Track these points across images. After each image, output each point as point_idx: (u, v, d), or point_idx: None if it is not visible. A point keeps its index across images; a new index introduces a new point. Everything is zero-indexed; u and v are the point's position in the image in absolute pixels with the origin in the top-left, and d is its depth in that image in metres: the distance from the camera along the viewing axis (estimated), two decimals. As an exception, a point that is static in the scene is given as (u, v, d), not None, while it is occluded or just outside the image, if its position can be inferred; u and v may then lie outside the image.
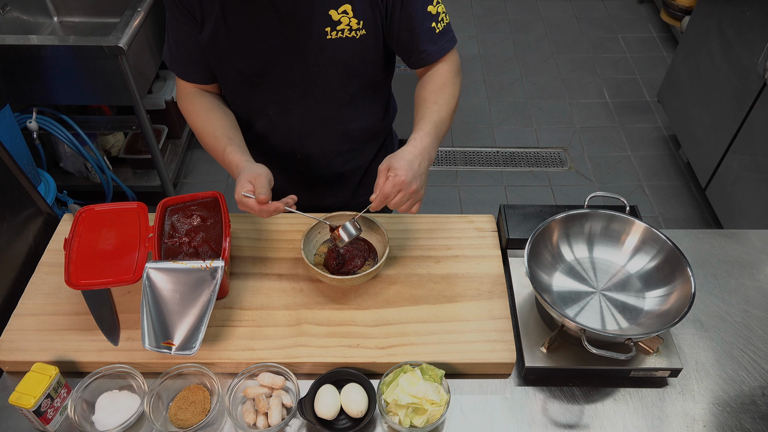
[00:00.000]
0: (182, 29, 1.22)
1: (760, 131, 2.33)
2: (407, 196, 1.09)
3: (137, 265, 1.15)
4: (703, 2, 2.75)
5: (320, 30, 1.17)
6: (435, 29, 1.23)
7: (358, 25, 1.18)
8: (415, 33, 1.21)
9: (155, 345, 1.07)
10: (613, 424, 1.08)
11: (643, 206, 2.86)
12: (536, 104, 3.44)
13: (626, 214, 1.22)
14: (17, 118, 2.24)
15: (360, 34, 1.19)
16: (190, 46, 1.24)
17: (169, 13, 1.22)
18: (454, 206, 2.87)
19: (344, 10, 1.16)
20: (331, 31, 1.17)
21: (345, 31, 1.18)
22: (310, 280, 1.25)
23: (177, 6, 1.19)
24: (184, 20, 1.21)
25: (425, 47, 1.24)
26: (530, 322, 1.19)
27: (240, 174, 1.14)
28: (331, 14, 1.16)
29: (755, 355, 1.18)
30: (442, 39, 1.25)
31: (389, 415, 1.03)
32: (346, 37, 1.18)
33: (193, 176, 3.02)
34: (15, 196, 1.32)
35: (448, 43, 1.26)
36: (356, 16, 1.17)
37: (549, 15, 4.14)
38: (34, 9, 2.59)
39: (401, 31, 1.21)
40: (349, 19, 1.17)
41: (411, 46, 1.24)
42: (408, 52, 1.26)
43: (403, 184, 1.07)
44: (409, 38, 1.22)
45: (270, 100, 1.29)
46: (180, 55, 1.26)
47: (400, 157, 1.09)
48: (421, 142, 1.13)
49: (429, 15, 1.21)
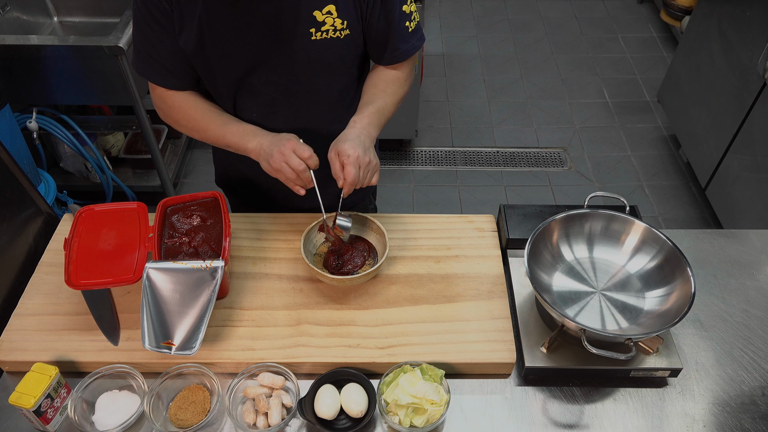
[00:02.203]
0: (159, 37, 1.18)
1: (760, 131, 2.33)
2: (366, 170, 1.14)
3: (137, 265, 1.15)
4: (703, 2, 2.76)
5: (305, 31, 1.16)
6: (408, 28, 1.25)
7: (342, 25, 1.18)
8: (391, 31, 1.23)
9: (155, 345, 1.07)
10: (613, 424, 1.08)
11: (643, 206, 2.86)
12: (536, 104, 3.45)
13: (626, 214, 1.22)
14: (17, 118, 2.25)
15: (344, 34, 1.19)
16: (169, 53, 1.20)
17: (143, 23, 1.17)
18: (454, 206, 2.87)
19: (328, 10, 1.15)
20: (316, 32, 1.17)
21: (330, 31, 1.17)
22: (310, 280, 1.25)
23: (152, 14, 1.15)
24: (161, 27, 1.17)
25: (399, 45, 1.26)
26: (530, 322, 1.19)
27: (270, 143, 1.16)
28: (315, 15, 1.15)
29: (755, 355, 1.18)
30: (413, 38, 1.28)
31: (389, 415, 1.03)
32: (330, 37, 1.18)
33: (193, 176, 3.02)
34: (15, 196, 1.32)
35: (418, 41, 1.29)
36: (340, 16, 1.16)
37: (549, 15, 4.14)
38: (34, 9, 2.59)
39: (378, 30, 1.22)
40: (333, 20, 1.16)
41: (386, 44, 1.25)
42: (381, 50, 1.27)
43: (358, 159, 1.12)
44: (385, 36, 1.24)
45: (254, 103, 1.28)
46: (157, 63, 1.22)
47: (344, 139, 1.15)
48: (360, 123, 1.20)
49: (404, 14, 1.23)
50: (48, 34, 2.61)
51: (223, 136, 1.24)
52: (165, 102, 1.28)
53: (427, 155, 3.14)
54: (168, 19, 1.16)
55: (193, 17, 1.15)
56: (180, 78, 1.25)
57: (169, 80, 1.25)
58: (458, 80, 3.60)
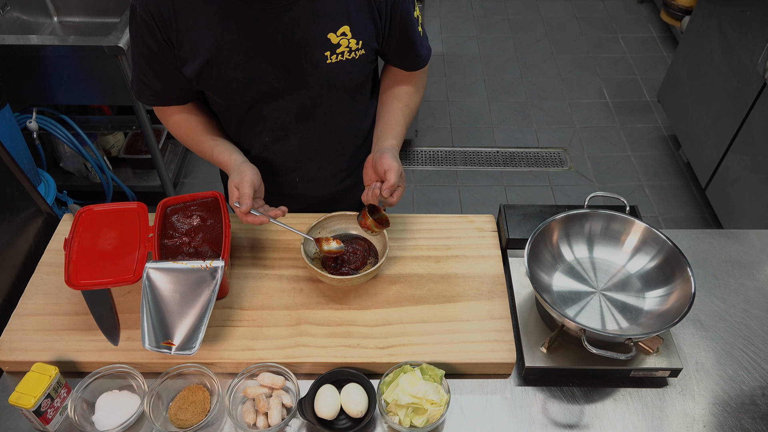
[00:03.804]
0: (159, 61, 1.15)
1: (760, 131, 2.33)
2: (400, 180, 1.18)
3: (137, 265, 1.15)
4: (703, 2, 2.75)
5: (320, 56, 1.14)
6: (420, 33, 1.26)
7: (357, 45, 1.15)
8: (410, 39, 1.23)
9: (155, 345, 1.07)
10: (613, 424, 1.08)
11: (643, 206, 2.86)
12: (536, 104, 3.44)
13: (626, 214, 1.22)
14: (17, 118, 2.25)
15: (359, 54, 1.17)
16: (169, 77, 1.18)
17: (142, 45, 1.13)
18: (454, 206, 2.87)
19: (343, 32, 1.13)
20: (331, 56, 1.14)
21: (345, 53, 1.15)
22: (310, 280, 1.25)
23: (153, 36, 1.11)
24: (161, 53, 1.13)
25: (421, 52, 1.27)
26: (530, 322, 1.19)
27: (229, 178, 1.17)
28: (329, 38, 1.12)
29: (755, 355, 1.18)
30: (425, 41, 1.29)
31: (389, 415, 1.03)
32: (345, 59, 1.16)
33: (193, 176, 3.02)
34: (15, 196, 1.32)
35: (428, 44, 1.31)
36: (355, 36, 1.14)
37: (549, 15, 4.14)
38: (34, 9, 2.59)
39: (398, 40, 1.22)
40: (348, 41, 1.14)
41: (407, 52, 1.25)
42: (402, 59, 1.28)
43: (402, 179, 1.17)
44: (405, 46, 1.24)
45: (265, 128, 1.26)
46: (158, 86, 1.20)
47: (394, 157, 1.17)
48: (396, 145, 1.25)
49: (416, 20, 1.23)
50: (48, 34, 2.61)
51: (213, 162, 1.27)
52: (161, 115, 1.30)
53: (427, 155, 3.14)
54: (163, 48, 1.13)
55: (198, 48, 1.11)
56: (181, 99, 1.26)
57: (171, 102, 1.26)
58: (458, 80, 3.60)
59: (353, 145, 1.37)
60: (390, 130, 1.26)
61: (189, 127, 1.28)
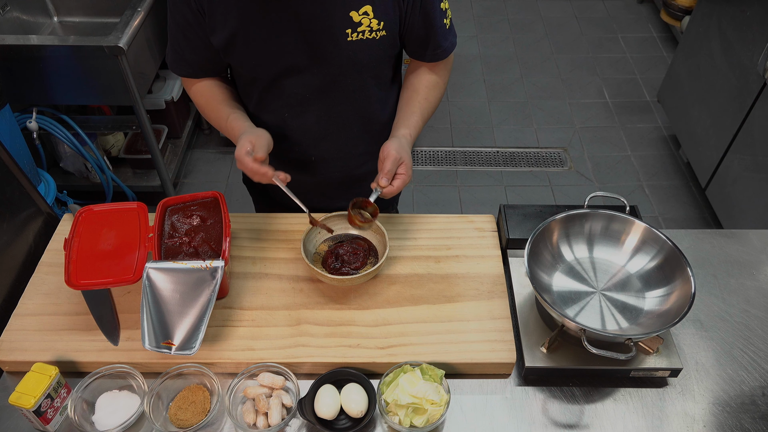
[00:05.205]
0: (192, 30, 1.20)
1: (760, 131, 2.33)
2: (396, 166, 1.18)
3: (137, 265, 1.15)
4: (703, 2, 2.75)
5: (341, 32, 1.16)
6: (446, 25, 1.26)
7: (378, 26, 1.17)
8: (432, 29, 1.23)
9: (155, 345, 1.07)
10: (613, 424, 1.08)
11: (643, 206, 2.86)
12: (536, 104, 3.44)
13: (626, 214, 1.22)
14: (17, 118, 2.24)
15: (380, 35, 1.18)
16: (201, 48, 1.23)
17: (178, 15, 1.19)
18: (454, 206, 2.87)
19: (365, 11, 1.15)
20: (352, 33, 1.16)
21: (366, 32, 1.17)
22: (310, 280, 1.25)
23: (183, 13, 1.17)
24: (195, 22, 1.19)
25: (441, 43, 1.27)
26: (530, 322, 1.19)
27: (241, 135, 1.18)
28: (351, 16, 1.15)
29: (755, 355, 1.18)
30: (450, 35, 1.29)
31: (389, 415, 1.03)
32: (366, 38, 1.18)
33: (193, 176, 3.02)
34: (15, 196, 1.32)
35: (454, 38, 1.31)
36: (377, 16, 1.16)
37: (549, 15, 4.14)
38: (34, 9, 2.59)
39: (420, 28, 1.22)
40: (370, 20, 1.16)
41: (427, 42, 1.26)
42: (423, 48, 1.27)
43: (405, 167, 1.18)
44: (426, 35, 1.24)
45: (285, 103, 1.29)
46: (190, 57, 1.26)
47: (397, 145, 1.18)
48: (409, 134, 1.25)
49: (442, 11, 1.23)
50: (48, 34, 2.61)
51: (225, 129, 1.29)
52: (186, 84, 1.34)
53: (427, 155, 3.14)
54: (197, 16, 1.17)
55: (227, 18, 1.15)
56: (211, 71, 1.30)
57: (199, 74, 1.30)
58: (458, 80, 3.60)
59: (371, 130, 1.38)
60: (404, 120, 1.27)
61: (210, 95, 1.31)
